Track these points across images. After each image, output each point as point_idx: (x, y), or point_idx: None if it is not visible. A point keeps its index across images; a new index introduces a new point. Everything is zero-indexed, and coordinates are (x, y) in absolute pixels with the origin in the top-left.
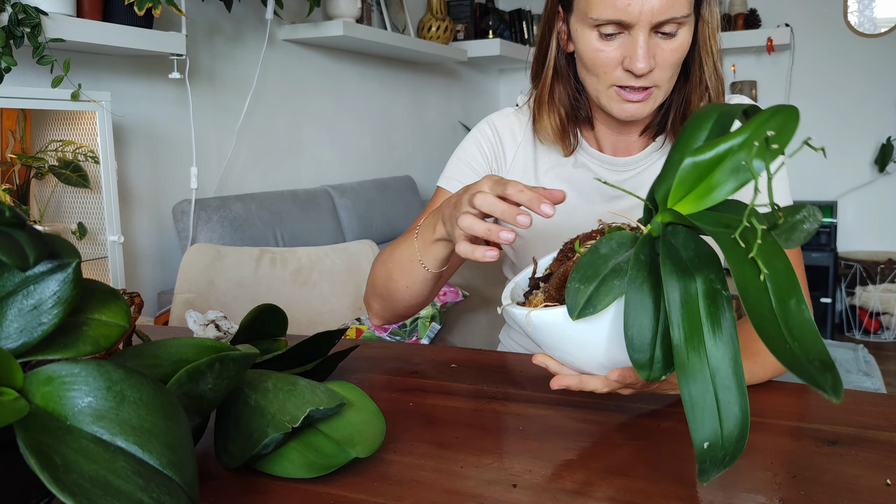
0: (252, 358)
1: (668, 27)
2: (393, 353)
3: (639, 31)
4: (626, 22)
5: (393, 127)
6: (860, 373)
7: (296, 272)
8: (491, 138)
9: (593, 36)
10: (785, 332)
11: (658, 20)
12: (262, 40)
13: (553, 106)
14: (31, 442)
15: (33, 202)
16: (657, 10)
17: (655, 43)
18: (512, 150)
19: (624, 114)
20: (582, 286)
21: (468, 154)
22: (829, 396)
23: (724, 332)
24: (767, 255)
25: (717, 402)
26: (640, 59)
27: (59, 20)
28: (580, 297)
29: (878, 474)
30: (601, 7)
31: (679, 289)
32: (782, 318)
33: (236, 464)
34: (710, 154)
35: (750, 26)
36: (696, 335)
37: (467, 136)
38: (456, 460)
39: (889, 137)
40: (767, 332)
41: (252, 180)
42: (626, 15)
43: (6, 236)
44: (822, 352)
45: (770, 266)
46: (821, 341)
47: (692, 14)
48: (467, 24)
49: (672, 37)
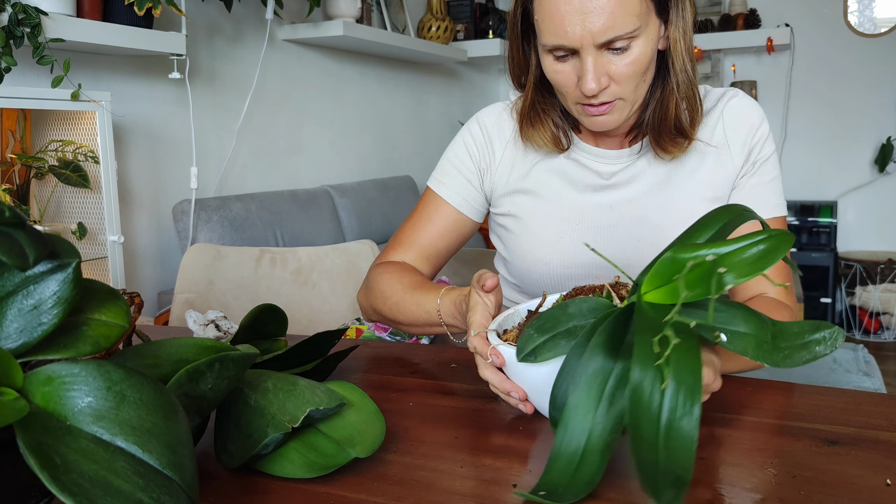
0: (252, 358)
1: (618, 43)
2: (393, 353)
3: (585, 54)
4: (570, 47)
5: (393, 127)
6: (860, 373)
7: (296, 272)
8: (479, 137)
9: (550, 59)
10: (661, 438)
11: (601, 41)
12: (262, 40)
13: (538, 118)
14: (31, 442)
15: (33, 202)
16: (597, 32)
17: (608, 60)
18: (501, 147)
19: (595, 126)
20: (535, 334)
21: (457, 157)
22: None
23: (612, 417)
24: (679, 367)
25: (576, 466)
26: (589, 80)
27: (59, 20)
28: (529, 344)
29: (878, 474)
30: (548, 33)
31: (597, 362)
32: (666, 426)
33: (236, 464)
34: (688, 255)
35: (750, 26)
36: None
37: (458, 134)
38: (456, 460)
39: (889, 137)
40: (640, 432)
41: (252, 180)
42: (567, 40)
43: (6, 236)
44: (685, 469)
45: (677, 377)
46: (691, 461)
47: (647, 24)
48: (467, 24)
49: (624, 51)
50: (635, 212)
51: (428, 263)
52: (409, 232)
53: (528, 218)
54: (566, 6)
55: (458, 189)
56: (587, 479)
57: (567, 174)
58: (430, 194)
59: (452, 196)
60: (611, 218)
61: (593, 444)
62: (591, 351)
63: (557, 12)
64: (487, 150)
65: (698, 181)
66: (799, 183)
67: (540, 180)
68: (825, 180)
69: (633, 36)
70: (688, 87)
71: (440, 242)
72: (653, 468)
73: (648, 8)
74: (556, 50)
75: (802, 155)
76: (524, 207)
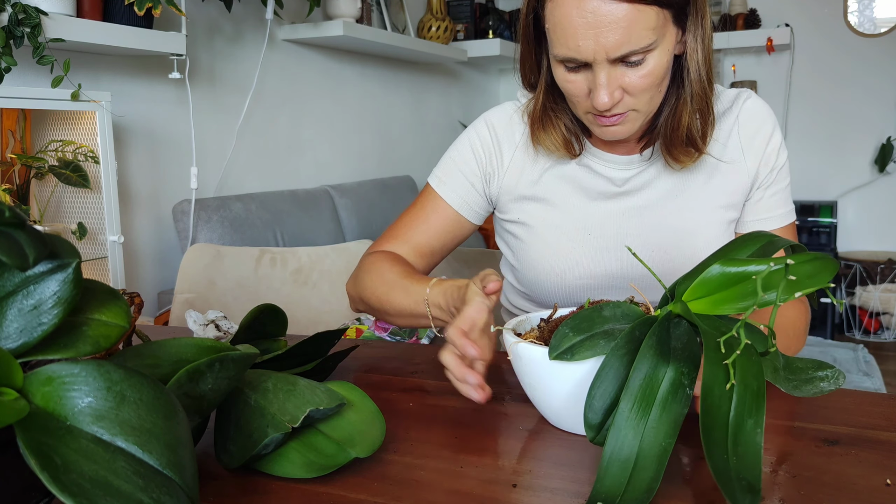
0: (252, 358)
1: (633, 57)
2: (393, 353)
3: (598, 68)
4: (582, 60)
5: (393, 127)
6: (860, 373)
7: (296, 272)
8: (487, 139)
9: (561, 69)
10: (730, 443)
11: (615, 56)
12: (262, 40)
13: (550, 122)
14: (31, 442)
15: (33, 202)
16: (611, 48)
17: (622, 72)
18: (510, 151)
19: (606, 135)
20: (571, 333)
21: (461, 157)
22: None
23: (666, 422)
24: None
25: (630, 473)
26: (602, 95)
27: (59, 20)
28: (564, 342)
29: (878, 474)
30: (559, 45)
31: (649, 366)
32: (734, 430)
33: (236, 464)
34: (737, 269)
35: (750, 26)
36: (644, 410)
37: (464, 133)
38: (456, 460)
39: (889, 137)
40: (712, 436)
41: (252, 180)
42: (580, 54)
43: (6, 236)
44: (755, 476)
45: (743, 381)
46: (759, 469)
47: (664, 35)
48: (467, 24)
49: (639, 65)
50: (650, 219)
51: (422, 260)
52: (405, 227)
53: (539, 227)
54: (579, 19)
55: (460, 191)
56: (645, 487)
57: (579, 181)
58: (429, 191)
59: (452, 197)
60: (625, 226)
61: (648, 450)
62: (642, 355)
63: (570, 24)
64: (495, 154)
65: (713, 188)
66: (799, 183)
67: (551, 188)
68: (825, 180)
69: (649, 49)
70: (702, 99)
71: (435, 242)
72: (727, 473)
73: (665, 18)
74: (568, 62)
75: (802, 155)
76: (534, 216)
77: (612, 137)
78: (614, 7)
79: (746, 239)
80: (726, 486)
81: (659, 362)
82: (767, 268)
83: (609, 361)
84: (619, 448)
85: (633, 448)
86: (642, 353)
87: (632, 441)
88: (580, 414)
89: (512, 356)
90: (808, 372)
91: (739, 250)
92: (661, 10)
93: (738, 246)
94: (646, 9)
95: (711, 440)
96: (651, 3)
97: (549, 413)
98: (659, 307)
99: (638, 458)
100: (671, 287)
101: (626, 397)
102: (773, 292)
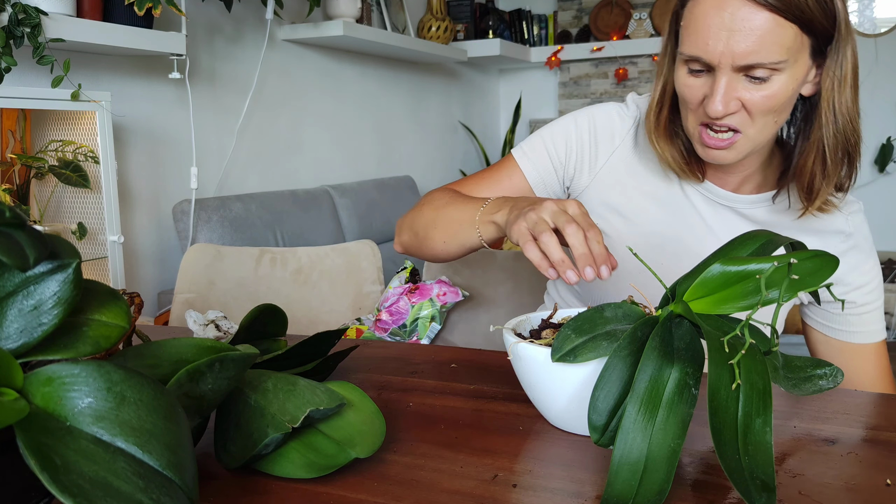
0: (252, 358)
1: (759, 72)
2: (393, 353)
3: (720, 73)
4: (707, 62)
5: (393, 127)
6: None
7: (296, 272)
8: (585, 134)
9: (684, 70)
10: (740, 443)
11: (741, 64)
12: (262, 40)
13: (666, 135)
14: (30, 442)
15: (33, 202)
16: (738, 54)
17: (742, 86)
18: (607, 152)
19: (708, 157)
20: (573, 335)
21: (553, 140)
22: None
23: (674, 423)
24: (750, 370)
25: (641, 476)
26: (717, 101)
27: (59, 20)
28: (566, 344)
29: (878, 474)
30: (688, 42)
31: (654, 367)
32: (743, 430)
33: (236, 464)
34: (738, 268)
35: None
36: (651, 412)
37: (565, 118)
38: (456, 460)
39: (889, 137)
40: (723, 437)
41: (252, 180)
42: (707, 54)
43: (6, 236)
44: (768, 475)
45: (749, 380)
46: (772, 467)
47: (796, 61)
48: (467, 24)
49: (763, 82)
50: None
51: None
52: (473, 182)
53: (615, 239)
54: (715, 18)
55: (541, 169)
56: (657, 489)
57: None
58: (510, 160)
59: (531, 172)
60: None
61: (657, 452)
62: (646, 357)
63: (704, 23)
64: (590, 151)
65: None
66: None
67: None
68: None
69: (777, 69)
70: (833, 151)
71: None
72: (740, 473)
73: (803, 44)
74: (692, 62)
75: None
76: (616, 227)
77: (714, 160)
78: (755, 14)
79: (746, 238)
80: (742, 485)
81: (663, 363)
82: (771, 266)
83: (612, 363)
84: (628, 451)
85: (642, 451)
86: (646, 354)
87: (640, 444)
88: (582, 414)
89: (512, 356)
90: (806, 370)
91: (739, 249)
92: (801, 33)
93: (738, 245)
94: (786, 24)
95: (722, 441)
96: (793, 21)
97: (550, 413)
98: (659, 307)
99: (647, 460)
100: (672, 287)
101: (633, 400)
102: (776, 290)
